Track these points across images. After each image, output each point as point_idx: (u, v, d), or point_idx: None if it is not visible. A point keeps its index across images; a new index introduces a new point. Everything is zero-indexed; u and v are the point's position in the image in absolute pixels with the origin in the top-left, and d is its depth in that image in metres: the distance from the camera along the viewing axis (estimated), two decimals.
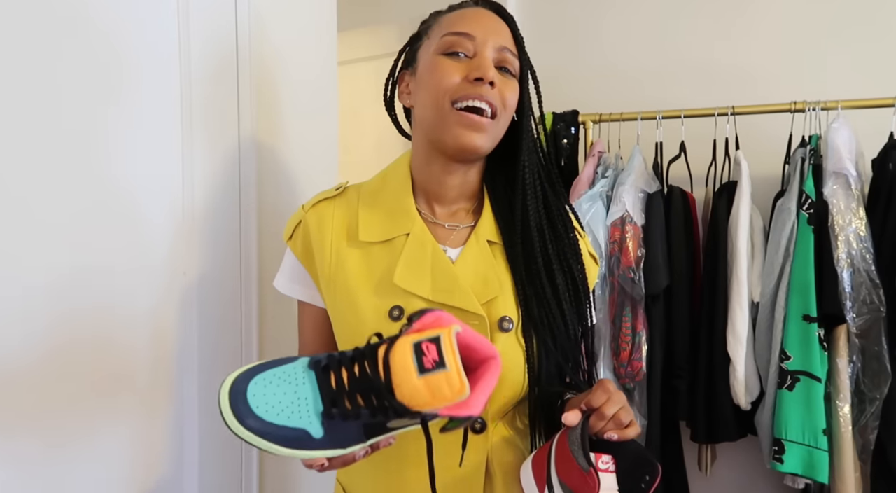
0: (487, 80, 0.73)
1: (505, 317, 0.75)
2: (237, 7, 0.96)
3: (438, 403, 0.53)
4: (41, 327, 0.70)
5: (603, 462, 0.63)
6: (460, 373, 0.52)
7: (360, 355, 0.56)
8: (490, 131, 0.75)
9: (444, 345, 0.53)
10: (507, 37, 0.77)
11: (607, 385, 0.67)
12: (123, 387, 0.81)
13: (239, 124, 0.97)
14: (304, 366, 0.57)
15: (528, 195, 0.78)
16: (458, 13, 0.78)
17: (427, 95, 0.76)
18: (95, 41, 0.75)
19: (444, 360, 0.52)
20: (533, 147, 0.80)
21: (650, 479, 0.63)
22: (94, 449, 0.77)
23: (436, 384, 0.52)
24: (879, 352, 1.47)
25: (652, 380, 1.69)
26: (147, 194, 0.83)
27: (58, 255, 0.72)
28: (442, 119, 0.74)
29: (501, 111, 0.75)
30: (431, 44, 0.78)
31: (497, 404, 0.75)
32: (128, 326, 0.81)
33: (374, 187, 0.83)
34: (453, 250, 0.79)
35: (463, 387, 0.52)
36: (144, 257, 0.83)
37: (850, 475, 1.49)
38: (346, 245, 0.79)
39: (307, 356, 0.58)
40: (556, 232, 0.80)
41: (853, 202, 1.50)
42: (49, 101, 0.70)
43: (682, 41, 2.01)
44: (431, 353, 0.52)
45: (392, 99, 0.88)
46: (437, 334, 0.54)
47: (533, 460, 0.71)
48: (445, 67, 0.75)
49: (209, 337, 0.93)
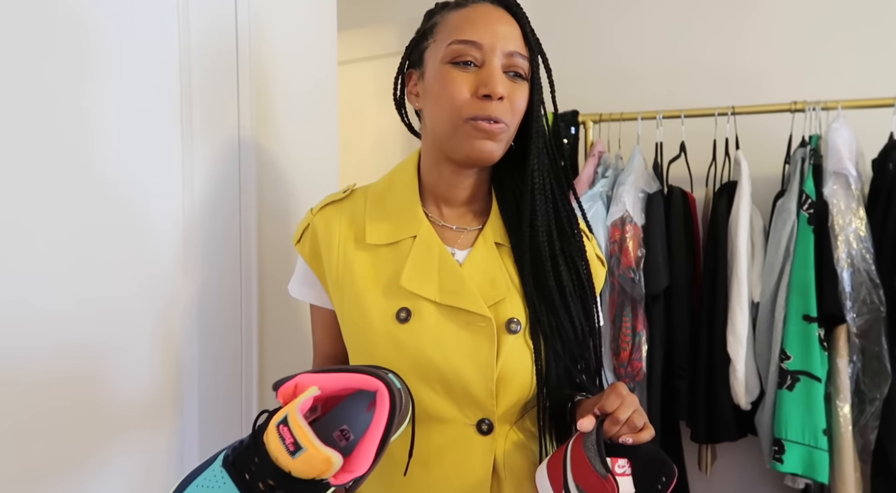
0: (496, 96, 0.71)
1: (513, 319, 0.74)
2: (237, 7, 0.96)
3: (324, 475, 0.53)
4: (41, 327, 0.70)
5: (619, 467, 0.63)
6: (318, 451, 0.51)
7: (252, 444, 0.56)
8: (503, 139, 0.74)
9: (293, 426, 0.52)
10: (516, 39, 0.74)
11: (620, 389, 0.66)
12: (122, 392, 0.81)
13: (239, 125, 0.97)
14: (220, 466, 0.57)
15: (538, 198, 0.77)
16: (465, 14, 0.75)
17: (437, 107, 0.75)
18: (94, 41, 0.75)
19: (298, 441, 0.52)
20: (543, 148, 0.78)
21: (667, 480, 0.63)
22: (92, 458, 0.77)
23: (308, 462, 0.52)
24: (879, 352, 1.48)
25: (652, 380, 1.69)
26: (147, 195, 0.83)
27: (57, 257, 0.72)
28: (455, 131, 0.73)
29: (512, 120, 0.74)
30: (438, 50, 0.75)
31: (504, 407, 0.75)
32: (127, 327, 0.81)
33: (381, 189, 0.83)
34: (461, 252, 0.79)
35: (328, 462, 0.52)
36: (144, 257, 0.83)
37: (850, 475, 1.50)
38: (353, 248, 0.79)
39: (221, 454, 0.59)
40: (563, 233, 0.79)
41: (853, 202, 1.50)
42: (46, 102, 0.70)
43: (683, 41, 2.01)
44: (288, 436, 0.52)
45: (402, 98, 0.86)
46: (286, 413, 0.53)
47: (548, 465, 0.71)
48: (454, 80, 0.73)
49: (209, 337, 0.93)
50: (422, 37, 0.81)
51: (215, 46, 0.92)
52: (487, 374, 0.72)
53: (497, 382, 0.73)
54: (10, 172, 0.67)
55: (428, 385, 0.73)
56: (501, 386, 0.73)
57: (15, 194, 0.67)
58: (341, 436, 0.59)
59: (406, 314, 0.73)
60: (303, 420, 0.52)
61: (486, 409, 0.74)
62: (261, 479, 0.54)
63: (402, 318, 0.73)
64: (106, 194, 0.77)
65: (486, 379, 0.72)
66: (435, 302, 0.74)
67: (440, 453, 0.74)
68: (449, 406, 0.74)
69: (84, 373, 0.76)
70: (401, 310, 0.74)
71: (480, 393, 0.73)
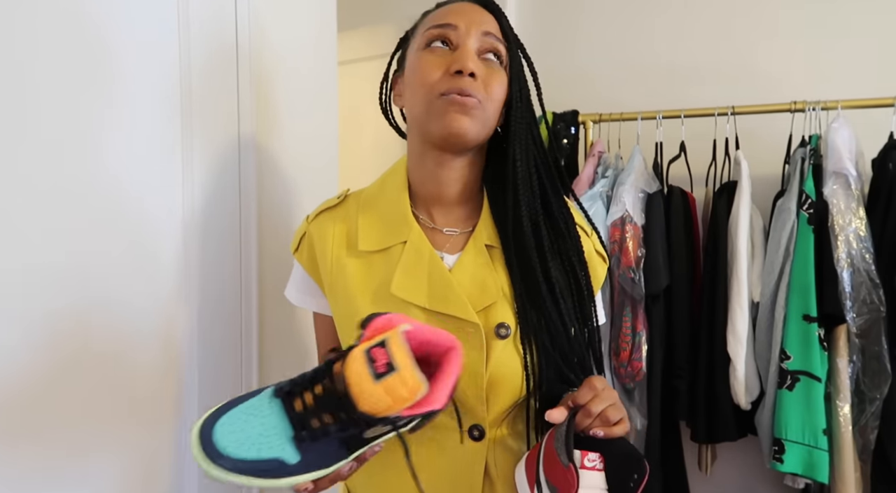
0: (467, 72, 0.71)
1: (502, 324, 0.73)
2: (237, 7, 0.96)
3: (400, 404, 0.53)
4: (40, 328, 0.70)
5: (589, 460, 0.62)
6: (412, 371, 0.52)
7: (320, 374, 0.56)
8: (477, 116, 0.73)
9: (391, 347, 0.53)
10: (492, 24, 0.75)
11: (594, 382, 0.66)
12: (121, 391, 0.81)
13: (239, 125, 0.97)
14: (270, 396, 0.58)
15: (521, 190, 0.75)
16: (443, 9, 0.78)
17: (413, 91, 0.76)
18: (94, 41, 0.75)
19: (394, 362, 0.52)
20: (526, 139, 0.77)
21: (638, 478, 0.62)
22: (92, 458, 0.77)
23: (392, 387, 0.52)
24: (879, 352, 1.47)
25: (652, 380, 1.69)
26: (147, 195, 0.83)
27: (56, 256, 0.72)
28: (429, 109, 0.73)
29: (486, 101, 0.73)
30: (416, 42, 0.78)
31: (496, 411, 0.74)
32: (127, 327, 0.81)
33: (373, 194, 0.83)
34: (451, 256, 0.78)
35: (418, 384, 0.52)
36: (144, 257, 0.83)
37: (850, 475, 1.49)
38: (346, 255, 0.79)
39: (273, 386, 0.59)
40: (556, 230, 0.78)
41: (853, 202, 1.50)
42: (46, 102, 0.70)
43: (683, 41, 2.01)
44: (381, 357, 0.53)
45: (388, 103, 0.87)
46: (384, 337, 0.54)
47: (526, 459, 0.70)
48: (427, 62, 0.74)
49: (209, 337, 0.93)
50: (404, 40, 0.83)
51: (215, 46, 0.92)
52: (477, 380, 0.72)
53: (487, 387, 0.72)
54: (10, 172, 0.66)
55: None
56: (492, 391, 0.73)
57: (15, 194, 0.67)
58: None
59: None
60: (406, 343, 0.53)
61: (476, 415, 0.73)
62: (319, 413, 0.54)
63: None
64: (105, 193, 0.77)
65: (476, 386, 0.72)
66: (424, 308, 0.73)
67: (431, 458, 0.74)
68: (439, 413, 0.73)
69: (84, 373, 0.75)
70: None
71: (471, 399, 0.72)
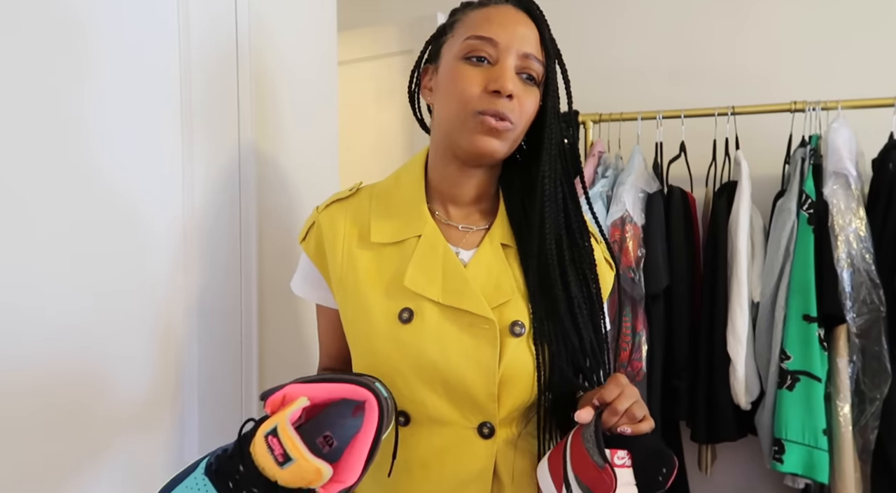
0: (505, 93, 0.71)
1: (517, 321, 0.73)
2: (237, 7, 0.96)
3: (314, 484, 0.53)
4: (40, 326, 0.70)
5: (618, 458, 0.63)
6: (308, 461, 0.52)
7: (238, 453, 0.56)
8: (508, 137, 0.74)
9: (283, 438, 0.52)
10: (533, 42, 0.74)
11: (620, 379, 0.66)
12: (122, 392, 0.81)
13: (239, 125, 0.97)
14: (202, 474, 0.58)
15: (547, 205, 0.76)
16: (485, 13, 0.75)
17: (447, 101, 0.75)
18: (94, 42, 0.75)
19: (288, 453, 0.52)
20: (557, 156, 0.77)
21: (667, 472, 0.62)
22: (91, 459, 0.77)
23: (297, 473, 0.52)
24: (879, 352, 1.48)
25: (652, 380, 1.69)
26: (147, 196, 0.83)
27: (56, 257, 0.72)
28: (462, 125, 0.73)
29: (519, 120, 0.74)
30: (455, 44, 0.76)
31: (506, 410, 0.74)
32: (127, 327, 0.81)
33: (388, 187, 0.83)
34: (466, 252, 0.78)
35: (317, 471, 0.52)
36: (144, 257, 0.83)
37: (850, 475, 1.50)
38: (357, 246, 0.78)
39: (203, 461, 0.59)
40: (573, 241, 0.78)
41: (853, 202, 1.50)
42: (46, 103, 0.70)
43: (683, 41, 2.01)
44: (277, 447, 0.52)
45: (416, 91, 0.86)
46: (275, 424, 0.53)
47: (549, 459, 0.70)
48: (465, 75, 0.73)
49: (209, 337, 0.93)
50: (441, 32, 0.81)
51: (215, 47, 0.92)
52: (489, 377, 0.72)
53: (499, 385, 0.72)
54: (11, 174, 0.67)
55: (429, 387, 0.72)
56: (503, 389, 0.73)
57: (15, 196, 0.67)
58: (324, 442, 0.59)
59: (408, 315, 0.73)
60: (293, 432, 0.53)
61: (487, 412, 0.73)
62: (245, 488, 0.54)
63: (405, 318, 0.73)
64: (106, 194, 0.77)
65: (487, 382, 0.72)
66: (437, 303, 0.73)
67: (440, 455, 0.74)
68: (450, 409, 0.73)
69: (84, 373, 0.75)
70: (403, 310, 0.73)
71: (482, 396, 0.72)
